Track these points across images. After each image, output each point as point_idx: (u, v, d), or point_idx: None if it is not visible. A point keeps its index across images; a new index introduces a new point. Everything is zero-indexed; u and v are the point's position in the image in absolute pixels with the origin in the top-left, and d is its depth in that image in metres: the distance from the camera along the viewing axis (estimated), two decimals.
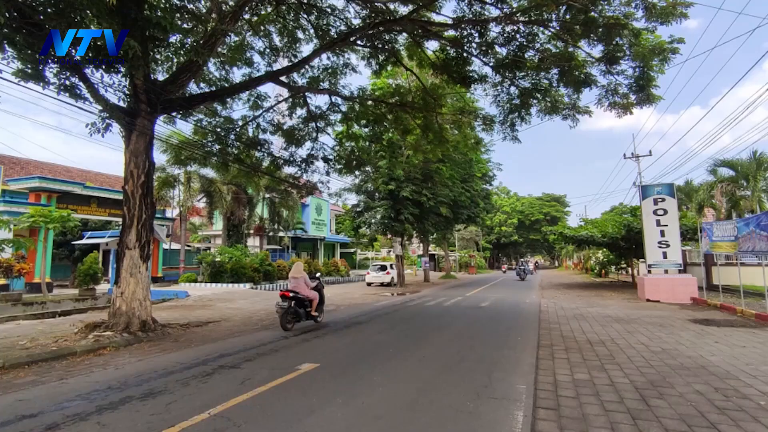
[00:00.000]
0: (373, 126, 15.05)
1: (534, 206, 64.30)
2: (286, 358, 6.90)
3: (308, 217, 35.44)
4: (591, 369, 6.01)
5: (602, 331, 9.08)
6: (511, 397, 4.86)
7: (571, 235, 26.09)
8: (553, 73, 11.46)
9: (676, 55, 9.93)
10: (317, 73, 12.99)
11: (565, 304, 14.51)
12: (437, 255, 52.35)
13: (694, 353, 6.88)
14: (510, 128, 12.89)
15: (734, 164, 25.29)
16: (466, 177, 28.15)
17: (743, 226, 11.68)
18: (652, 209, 16.59)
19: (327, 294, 19.59)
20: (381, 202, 24.05)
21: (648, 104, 10.98)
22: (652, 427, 3.92)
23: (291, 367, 6.13)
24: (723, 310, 12.27)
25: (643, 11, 9.11)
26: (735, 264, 14.06)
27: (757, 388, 5.03)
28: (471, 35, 11.19)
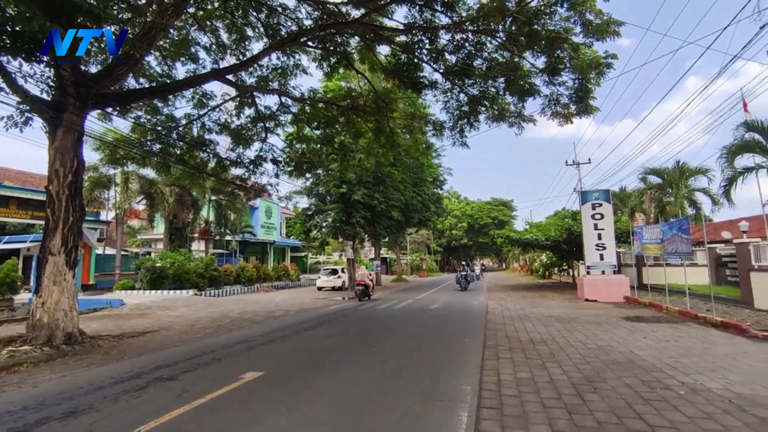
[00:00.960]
0: (325, 128, 14.86)
1: (483, 210, 66.31)
2: (229, 367, 6.61)
3: (257, 221, 34.46)
4: (533, 367, 6.22)
5: (544, 331, 9.46)
6: (457, 399, 4.92)
7: (518, 238, 27.13)
8: (500, 82, 11.84)
9: (611, 70, 10.59)
10: (267, 73, 12.66)
11: (511, 305, 15.02)
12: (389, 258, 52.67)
13: (625, 349, 7.32)
14: (459, 134, 13.17)
15: (661, 173, 27.43)
16: (418, 181, 28.54)
17: (668, 229, 12.64)
18: (591, 214, 17.61)
19: (276, 299, 19.22)
20: (332, 206, 23.84)
21: (587, 114, 11.60)
22: (586, 421, 4.10)
23: (234, 377, 5.87)
24: (651, 308, 13.20)
25: (581, 27, 9.63)
26: (662, 264, 15.18)
27: (677, 379, 5.42)
28: (422, 41, 11.35)
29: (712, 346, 7.41)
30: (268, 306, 16.22)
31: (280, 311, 14.42)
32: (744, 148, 19.23)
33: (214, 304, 16.82)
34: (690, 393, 4.86)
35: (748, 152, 19.24)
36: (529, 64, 11.22)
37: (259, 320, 12.19)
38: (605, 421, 4.08)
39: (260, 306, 16.20)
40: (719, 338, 8.18)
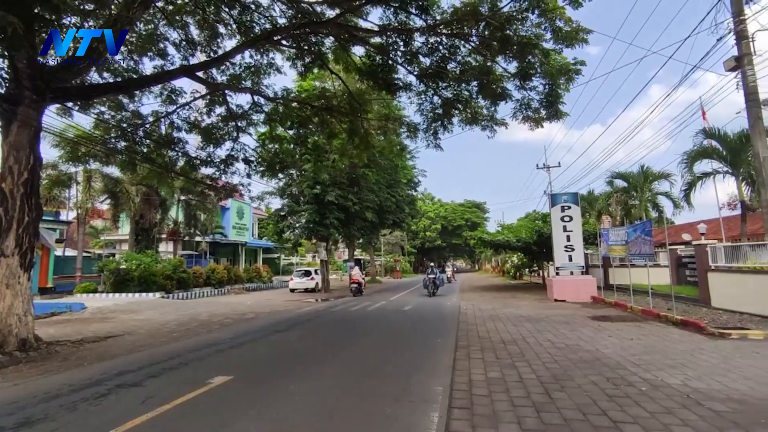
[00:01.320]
0: (298, 128, 14.70)
1: (456, 212, 67.10)
2: (196, 371, 6.42)
3: (228, 221, 33.75)
4: (503, 367, 6.31)
5: (515, 331, 9.62)
6: (428, 399, 4.93)
7: (490, 239, 27.55)
8: (473, 86, 11.99)
9: (579, 76, 10.89)
10: (239, 71, 12.42)
11: (483, 306, 15.22)
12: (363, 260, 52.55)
13: (591, 347, 7.52)
14: (433, 136, 13.27)
15: (627, 177, 28.48)
16: (392, 182, 28.60)
17: (632, 231, 13.09)
18: (560, 216, 18.06)
19: (247, 302, 18.86)
20: (306, 206, 23.60)
21: (556, 119, 11.88)
22: (553, 419, 4.18)
23: (201, 381, 5.70)
24: (617, 307, 13.64)
25: (551, 34, 9.86)
26: (627, 265, 15.71)
27: (640, 375, 5.61)
28: (396, 43, 11.38)
29: (672, 344, 7.71)
30: (239, 308, 15.90)
31: (251, 314, 14.15)
32: (702, 155, 20.21)
33: (182, 307, 16.36)
34: (651, 389, 5.03)
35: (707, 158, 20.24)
36: (501, 69, 11.42)
37: (229, 323, 11.92)
38: (571, 418, 4.17)
39: (231, 308, 15.86)
40: (679, 336, 8.52)
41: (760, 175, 11.55)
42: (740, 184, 19.28)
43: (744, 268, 11.32)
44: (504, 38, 10.14)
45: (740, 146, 17.76)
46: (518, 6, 9.50)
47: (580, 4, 8.81)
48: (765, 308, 9.93)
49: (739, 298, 11.05)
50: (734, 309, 11.01)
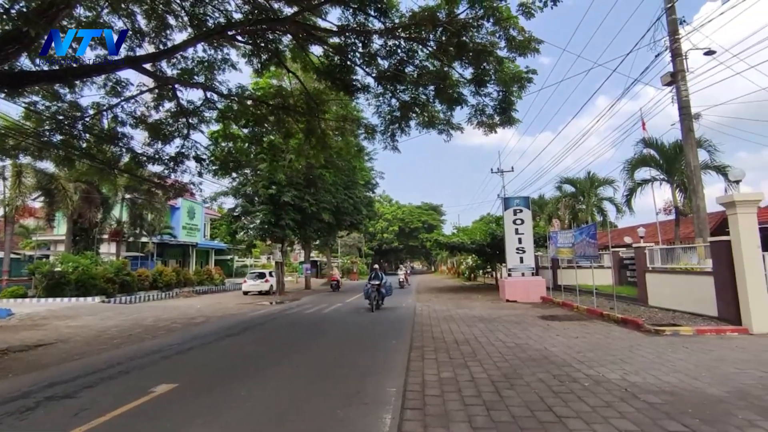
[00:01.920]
0: (254, 127, 14.31)
1: (414, 214, 67.88)
2: (137, 380, 6.07)
3: (178, 221, 32.31)
4: (456, 367, 6.41)
5: (468, 331, 9.82)
6: (382, 401, 4.92)
7: (445, 241, 28.05)
8: (430, 90, 12.15)
9: (531, 84, 11.31)
10: (191, 65, 11.90)
11: (438, 307, 15.44)
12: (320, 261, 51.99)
13: (540, 346, 7.80)
14: (391, 138, 13.31)
15: (574, 182, 29.95)
16: (350, 184, 28.49)
17: (578, 234, 13.75)
18: (512, 219, 18.68)
19: (197, 305, 18.12)
20: (261, 207, 23.01)
21: (509, 125, 12.25)
22: (502, 416, 4.28)
23: (143, 390, 5.39)
24: (564, 307, 14.25)
25: (505, 42, 10.16)
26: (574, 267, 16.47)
27: (584, 372, 5.87)
28: (355, 44, 11.33)
29: (613, 341, 8.14)
30: (188, 312, 15.23)
31: (200, 318, 13.59)
32: (642, 163, 21.61)
33: (125, 312, 15.45)
34: (593, 384, 5.28)
35: (646, 166, 21.66)
36: (457, 74, 11.64)
37: (177, 328, 11.39)
38: (519, 415, 4.29)
39: (179, 312, 15.16)
40: (619, 333, 9.01)
41: (691, 182, 12.50)
42: (674, 191, 20.77)
43: (677, 269, 12.17)
44: (460, 44, 10.35)
45: (675, 156, 19.12)
46: (474, 13, 9.71)
47: (532, 14, 9.12)
48: (694, 306, 10.70)
49: (672, 297, 11.86)
50: (668, 307, 11.79)
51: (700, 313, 10.34)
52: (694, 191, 12.38)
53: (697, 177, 12.36)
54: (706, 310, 10.17)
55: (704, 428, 3.84)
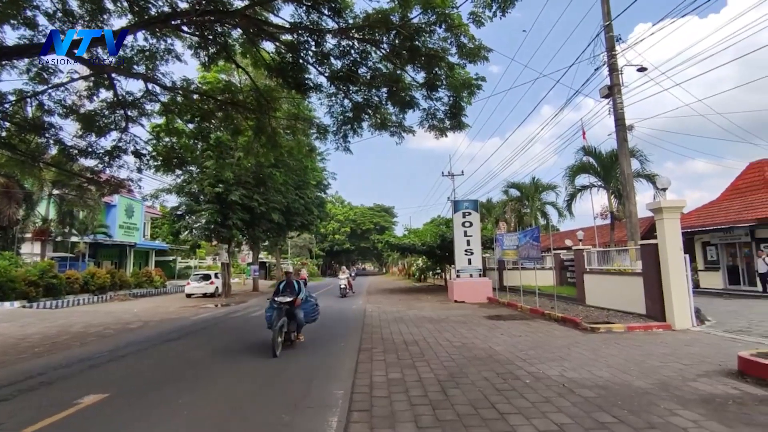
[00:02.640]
0: (200, 122, 13.70)
1: (366, 216, 67.94)
2: (62, 391, 5.59)
3: (115, 220, 30.29)
4: (404, 367, 6.44)
5: (417, 332, 9.92)
6: (328, 404, 4.84)
7: (396, 243, 28.30)
8: (383, 92, 12.18)
9: (480, 91, 11.64)
10: (130, 54, 11.20)
11: (388, 308, 15.51)
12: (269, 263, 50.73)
13: (485, 345, 8.02)
14: (343, 139, 13.21)
15: (520, 187, 31.25)
16: (301, 184, 28.00)
17: (523, 237, 14.33)
18: (461, 222, 19.16)
19: (134, 309, 17.05)
20: (207, 206, 22.06)
21: (459, 130, 12.53)
22: (447, 415, 4.35)
23: (68, 402, 4.97)
24: (509, 307, 14.79)
25: (456, 49, 10.40)
26: (518, 268, 17.14)
27: (525, 369, 6.10)
28: (308, 43, 11.14)
29: (553, 339, 8.53)
30: (123, 317, 14.28)
31: (137, 323, 12.79)
32: (582, 170, 22.96)
33: (50, 318, 14.24)
34: (534, 381, 5.49)
35: (585, 173, 23.04)
36: (410, 78, 11.76)
37: (110, 334, 10.64)
38: (464, 413, 4.37)
39: (113, 318, 14.18)
40: (559, 331, 9.46)
41: (624, 189, 13.38)
42: (610, 197, 22.24)
43: (611, 270, 12.99)
44: (413, 48, 10.47)
45: (611, 164, 20.45)
46: (427, 19, 9.86)
47: (482, 23, 9.40)
48: (626, 304, 11.45)
49: (607, 296, 12.63)
50: (604, 306, 12.55)
51: (631, 311, 11.08)
52: (627, 197, 13.27)
53: (630, 184, 13.27)
54: (636, 308, 10.91)
55: (631, 418, 4.10)
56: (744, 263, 18.58)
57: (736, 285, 18.72)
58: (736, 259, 19.08)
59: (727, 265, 19.54)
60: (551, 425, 3.99)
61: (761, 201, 18.17)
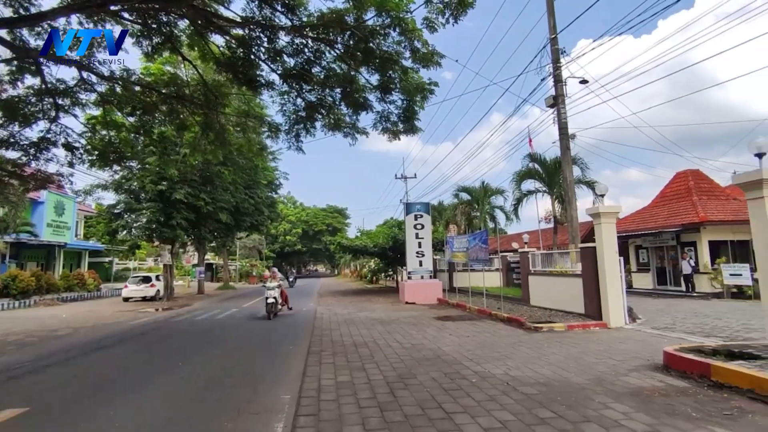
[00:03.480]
0: (141, 116, 12.94)
1: (318, 217, 67.15)
2: None
3: (42, 218, 27.87)
4: (353, 370, 6.38)
5: (367, 334, 9.89)
6: (274, 409, 4.69)
7: (349, 245, 28.20)
8: (337, 92, 12.10)
9: (433, 95, 11.85)
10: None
11: (339, 310, 15.38)
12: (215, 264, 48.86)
13: (434, 346, 8.13)
14: (295, 138, 12.98)
15: (470, 190, 32.13)
16: (251, 183, 27.20)
17: (472, 240, 14.71)
18: (413, 224, 19.39)
19: (62, 315, 15.79)
20: (148, 204, 20.85)
21: (412, 133, 12.67)
22: (395, 416, 4.34)
23: None
24: (458, 308, 15.12)
25: (410, 53, 10.52)
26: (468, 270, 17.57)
27: (472, 369, 6.23)
28: (260, 39, 10.85)
29: (499, 339, 8.80)
30: (50, 323, 13.17)
31: (66, 329, 11.84)
32: (528, 175, 23.97)
33: None
34: (480, 380, 5.62)
35: (531, 179, 24.08)
36: (364, 80, 11.76)
37: (33, 342, 9.77)
38: (411, 414, 4.38)
39: (38, 324, 13.04)
40: (505, 331, 9.78)
41: (567, 195, 14.10)
42: (554, 202, 23.37)
43: (554, 272, 13.63)
44: (367, 50, 10.47)
45: (555, 170, 21.49)
46: (382, 21, 9.91)
47: (435, 29, 9.57)
48: (567, 304, 12.05)
49: (550, 297, 13.23)
50: (547, 306, 13.13)
51: (571, 311, 11.67)
52: (569, 203, 13.99)
53: (572, 190, 14.00)
54: (576, 308, 11.50)
55: (569, 413, 4.29)
56: (670, 265, 20.14)
57: (663, 285, 20.25)
58: (664, 261, 20.66)
59: (656, 267, 21.10)
60: (495, 423, 4.09)
61: (685, 208, 19.80)
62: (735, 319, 10.77)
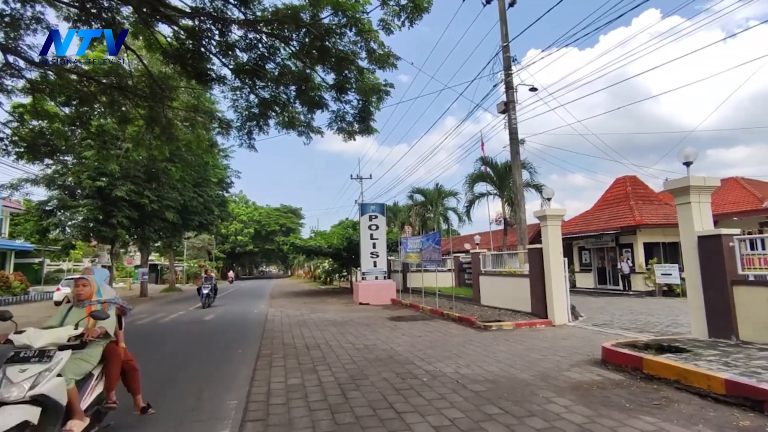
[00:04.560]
0: (78, 106, 12.10)
1: (271, 217, 65.65)
2: None
3: None
4: (304, 372, 6.27)
5: (320, 335, 9.77)
6: (220, 416, 4.52)
7: (302, 245, 27.74)
8: (291, 90, 11.90)
9: (389, 97, 11.90)
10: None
11: (291, 312, 15.09)
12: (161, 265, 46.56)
13: (387, 346, 8.16)
14: (247, 136, 12.65)
15: (425, 192, 32.62)
16: (201, 181, 26.13)
17: (425, 241, 14.92)
18: (368, 224, 19.39)
19: None
20: (85, 201, 19.52)
21: (368, 134, 12.67)
22: (346, 418, 4.30)
23: None
24: (411, 308, 15.27)
25: (366, 54, 10.52)
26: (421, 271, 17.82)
27: (423, 368, 6.30)
28: (211, 31, 10.46)
29: (450, 338, 8.97)
30: None
31: None
32: (480, 178, 24.65)
33: None
34: (431, 379, 5.69)
35: (483, 181, 24.77)
36: (320, 78, 11.63)
37: None
38: (362, 415, 4.36)
39: None
40: (456, 330, 9.98)
41: (516, 198, 14.62)
42: (504, 204, 24.20)
43: (503, 272, 14.09)
44: (323, 49, 10.36)
45: (505, 174, 22.25)
46: (338, 21, 9.84)
47: (391, 31, 9.62)
48: (515, 304, 12.49)
49: (499, 296, 13.66)
50: (497, 305, 13.55)
51: (519, 310, 12.11)
52: (518, 205, 14.53)
53: (521, 193, 14.54)
54: (523, 307, 11.95)
55: (515, 408, 4.43)
56: (610, 265, 21.43)
57: (603, 284, 21.51)
58: (605, 261, 21.95)
59: (597, 267, 22.38)
60: (444, 420, 4.16)
61: (624, 212, 21.14)
62: (665, 315, 11.62)
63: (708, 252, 7.02)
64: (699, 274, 7.16)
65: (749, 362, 5.18)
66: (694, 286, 7.28)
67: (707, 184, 7.36)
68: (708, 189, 7.42)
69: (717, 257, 6.86)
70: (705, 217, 7.34)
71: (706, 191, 7.42)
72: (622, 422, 3.99)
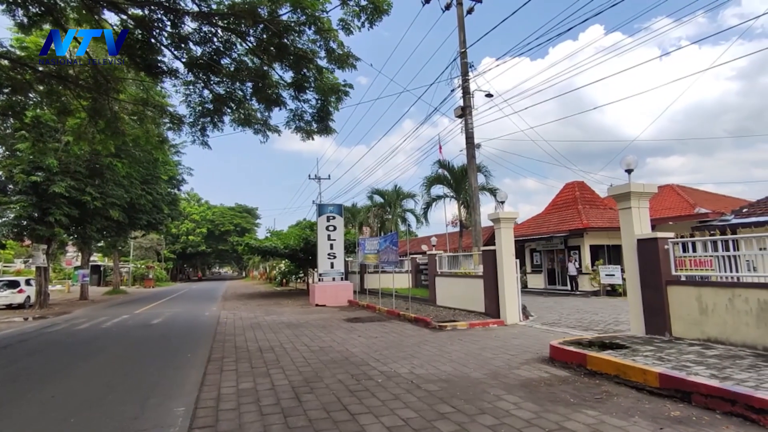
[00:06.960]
0: (10, 95, 11.20)
1: (225, 216, 63.60)
2: None
3: None
4: (257, 376, 6.11)
5: (274, 338, 9.56)
6: (165, 424, 4.32)
7: (258, 246, 27.08)
8: (248, 87, 11.60)
9: (348, 97, 11.85)
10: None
11: (245, 314, 14.69)
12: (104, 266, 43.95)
13: (342, 348, 8.11)
14: (201, 132, 12.23)
15: (383, 193, 32.82)
16: (149, 178, 24.87)
17: (383, 242, 14.98)
18: (326, 225, 19.22)
19: None
20: (17, 197, 18.08)
21: (326, 134, 12.55)
22: (299, 421, 4.23)
23: None
24: (368, 309, 15.27)
25: (325, 53, 10.44)
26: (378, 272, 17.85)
27: (378, 369, 6.31)
28: (162, 22, 10.01)
29: (406, 338, 9.04)
30: None
31: None
32: (437, 181, 25.10)
33: None
34: (386, 380, 5.71)
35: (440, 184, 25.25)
36: (277, 76, 11.40)
37: None
38: (316, 418, 4.31)
39: None
40: (412, 331, 10.08)
41: (472, 200, 15.00)
42: (460, 207, 24.75)
43: (459, 273, 14.38)
44: (281, 46, 10.17)
45: (462, 177, 22.78)
46: (297, 18, 9.70)
47: (350, 31, 9.59)
48: (470, 304, 12.79)
49: (455, 297, 13.94)
50: (452, 306, 13.81)
51: (473, 310, 12.41)
52: (473, 208, 14.90)
53: (476, 196, 14.93)
54: (477, 307, 12.26)
55: (467, 407, 4.53)
56: (559, 267, 22.42)
57: (553, 285, 22.47)
58: (554, 263, 22.94)
59: (547, 268, 23.35)
60: (398, 421, 4.18)
61: (572, 216, 22.19)
62: (608, 314, 12.30)
63: (646, 254, 7.50)
64: (638, 274, 7.63)
65: (680, 357, 5.58)
66: (633, 286, 7.75)
67: (646, 191, 7.87)
68: (647, 195, 7.94)
69: (654, 259, 7.34)
70: (644, 221, 7.84)
71: (645, 197, 7.93)
72: (566, 416, 4.17)
